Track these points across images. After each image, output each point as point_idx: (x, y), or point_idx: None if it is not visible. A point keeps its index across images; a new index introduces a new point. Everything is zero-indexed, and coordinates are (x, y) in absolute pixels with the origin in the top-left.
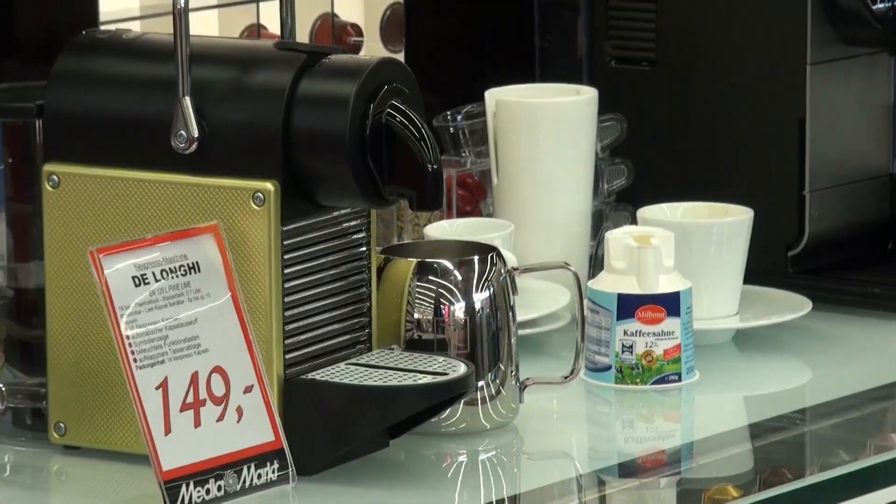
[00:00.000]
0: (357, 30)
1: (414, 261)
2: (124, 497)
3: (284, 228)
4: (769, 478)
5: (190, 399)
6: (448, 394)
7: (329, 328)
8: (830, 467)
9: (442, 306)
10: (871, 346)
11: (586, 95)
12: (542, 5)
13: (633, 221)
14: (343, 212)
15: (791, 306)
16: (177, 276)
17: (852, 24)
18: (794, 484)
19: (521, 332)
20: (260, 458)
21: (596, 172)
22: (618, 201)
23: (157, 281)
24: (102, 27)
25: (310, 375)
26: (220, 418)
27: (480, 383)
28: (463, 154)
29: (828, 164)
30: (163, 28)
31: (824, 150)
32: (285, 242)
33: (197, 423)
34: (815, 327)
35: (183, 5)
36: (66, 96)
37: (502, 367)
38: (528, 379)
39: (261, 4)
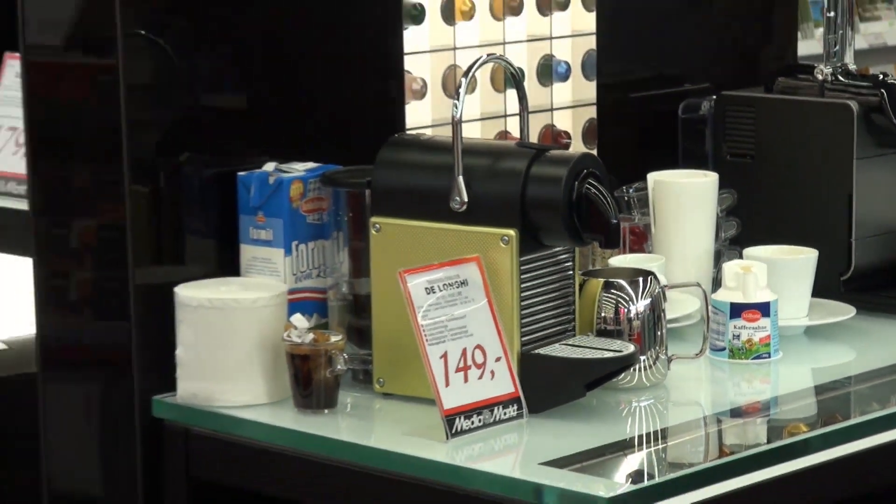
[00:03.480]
0: (567, 135)
1: (602, 280)
2: (420, 424)
3: (521, 259)
4: (826, 419)
5: (461, 365)
6: (623, 364)
7: (548, 321)
8: (868, 413)
9: (620, 309)
10: None
11: (711, 177)
12: (684, 121)
13: (741, 257)
14: (558, 249)
15: (842, 311)
16: (453, 288)
17: (885, 135)
18: (842, 423)
19: (668, 325)
20: (505, 402)
21: (717, 226)
22: (731, 244)
23: (440, 291)
24: (408, 131)
25: (536, 351)
26: (480, 377)
27: (643, 357)
28: (633, 213)
29: (869, 221)
30: (446, 132)
31: (866, 212)
32: (522, 268)
33: (465, 380)
34: (859, 326)
35: (458, 118)
36: (385, 174)
37: (657, 348)
38: (673, 355)
39: (507, 118)
